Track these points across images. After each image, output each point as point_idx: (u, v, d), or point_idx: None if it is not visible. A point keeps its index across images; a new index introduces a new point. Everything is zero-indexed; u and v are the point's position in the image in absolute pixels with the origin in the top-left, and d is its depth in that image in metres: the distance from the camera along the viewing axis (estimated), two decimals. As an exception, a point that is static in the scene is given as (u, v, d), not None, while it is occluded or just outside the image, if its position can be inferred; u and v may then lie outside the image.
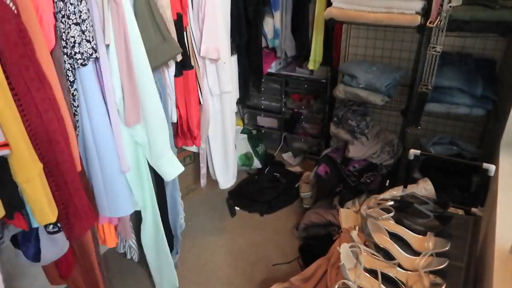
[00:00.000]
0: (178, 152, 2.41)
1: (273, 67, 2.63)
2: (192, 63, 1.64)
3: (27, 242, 1.17)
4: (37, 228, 1.14)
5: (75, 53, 1.09)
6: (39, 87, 0.96)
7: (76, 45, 1.08)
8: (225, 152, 1.98)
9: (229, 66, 1.79)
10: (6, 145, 0.90)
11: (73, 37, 1.07)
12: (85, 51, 1.11)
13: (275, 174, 2.64)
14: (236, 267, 2.00)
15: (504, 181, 1.28)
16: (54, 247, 1.19)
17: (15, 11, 0.90)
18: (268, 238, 2.18)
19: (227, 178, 2.05)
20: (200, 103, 1.74)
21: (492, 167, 1.28)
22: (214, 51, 1.63)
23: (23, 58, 0.91)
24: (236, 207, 2.41)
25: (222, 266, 2.01)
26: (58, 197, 1.09)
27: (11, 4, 0.89)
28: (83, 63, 1.11)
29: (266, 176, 2.65)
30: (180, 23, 1.49)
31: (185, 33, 1.55)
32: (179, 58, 1.50)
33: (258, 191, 2.49)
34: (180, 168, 1.49)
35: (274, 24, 2.43)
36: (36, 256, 1.18)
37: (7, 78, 0.90)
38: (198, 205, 2.44)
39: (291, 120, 2.84)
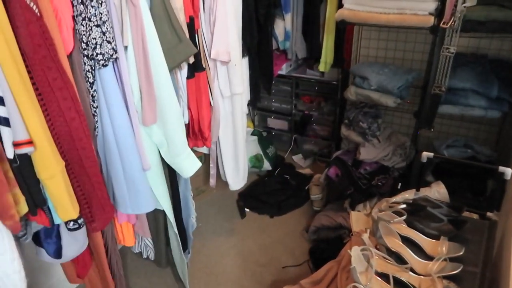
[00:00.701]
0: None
1: (283, 69, 2.63)
2: (204, 65, 1.65)
3: (49, 239, 1.20)
4: (58, 225, 1.17)
5: (97, 54, 1.11)
6: (61, 86, 1.00)
7: (98, 46, 1.11)
8: (236, 153, 1.98)
9: (240, 68, 1.79)
10: (30, 142, 0.93)
11: (95, 38, 1.10)
12: (106, 52, 1.13)
13: (285, 176, 2.63)
14: (245, 269, 1.99)
15: (520, 185, 1.25)
16: (75, 244, 1.23)
17: (38, 14, 0.93)
18: (278, 240, 2.16)
19: (237, 180, 2.04)
20: (210, 104, 1.74)
21: (508, 171, 1.25)
22: (225, 54, 1.64)
23: (46, 59, 0.95)
24: (246, 209, 2.41)
25: (231, 267, 2.00)
26: (80, 193, 1.13)
27: (34, 7, 0.92)
28: (104, 63, 1.14)
29: (276, 178, 2.65)
30: (192, 26, 1.50)
31: (196, 35, 1.56)
32: (191, 60, 1.52)
33: (268, 193, 2.48)
34: (198, 164, 1.49)
35: (285, 26, 2.42)
36: (57, 253, 1.21)
37: (31, 78, 0.93)
38: (208, 206, 2.44)
39: (302, 122, 2.83)
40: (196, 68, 1.59)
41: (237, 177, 2.04)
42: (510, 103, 1.66)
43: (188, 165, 1.48)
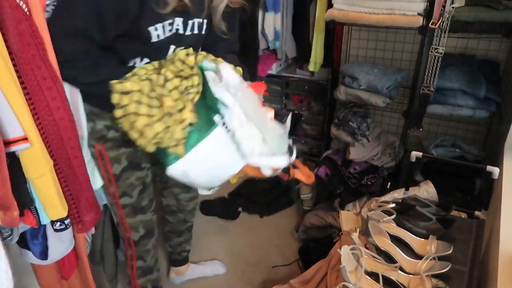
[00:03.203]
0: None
1: (273, 69, 2.62)
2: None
3: (35, 240, 1.19)
4: (44, 226, 1.16)
5: None
6: (50, 86, 0.98)
7: None
8: None
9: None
10: (25, 138, 0.92)
11: None
12: None
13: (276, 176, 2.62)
14: (235, 269, 1.98)
15: (508, 184, 1.26)
16: (61, 244, 1.22)
17: (27, 12, 0.92)
18: (268, 240, 2.16)
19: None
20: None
21: (496, 170, 1.26)
22: None
23: (35, 58, 0.94)
24: (239, 208, 2.39)
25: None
26: (68, 193, 1.12)
27: (23, 6, 0.91)
28: None
29: (266, 178, 2.64)
30: None
31: None
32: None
33: (257, 192, 2.48)
34: None
35: (274, 26, 2.42)
36: (44, 254, 1.20)
37: (19, 77, 0.92)
38: (198, 206, 2.42)
39: (292, 121, 2.82)
40: None
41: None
42: (497, 103, 1.68)
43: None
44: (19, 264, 1.28)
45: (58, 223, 1.14)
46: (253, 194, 2.46)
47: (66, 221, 1.16)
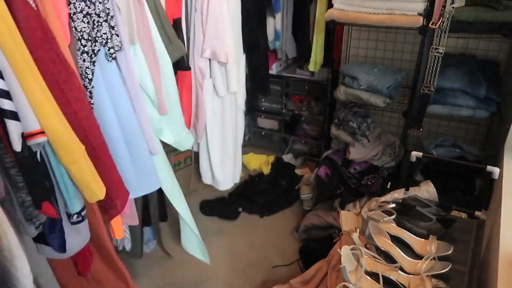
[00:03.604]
0: (178, 153, 2.41)
1: (273, 69, 2.63)
2: (191, 65, 1.65)
3: (53, 233, 1.20)
4: (61, 220, 1.17)
5: (109, 48, 1.16)
6: (66, 78, 1.02)
7: (109, 40, 1.16)
8: (225, 151, 1.97)
9: (237, 67, 1.79)
10: (42, 132, 0.94)
11: (105, 33, 1.14)
12: (116, 45, 1.18)
13: (276, 176, 2.63)
14: (235, 269, 1.98)
15: (508, 184, 1.26)
16: (78, 237, 1.23)
17: (35, 9, 0.94)
18: (268, 240, 2.16)
19: (227, 179, 2.04)
20: (196, 103, 1.75)
21: (496, 170, 1.26)
22: (223, 55, 1.64)
23: (49, 53, 0.97)
24: (239, 208, 2.39)
25: (221, 267, 1.99)
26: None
27: (31, 2, 0.93)
28: (114, 56, 1.18)
29: (266, 178, 2.64)
30: (175, 28, 1.51)
31: (184, 36, 1.59)
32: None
33: (257, 192, 2.48)
34: (193, 138, 1.70)
35: (275, 26, 2.42)
36: (62, 247, 1.21)
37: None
38: (198, 206, 2.42)
39: (292, 121, 2.83)
40: (179, 66, 1.59)
41: (224, 176, 2.03)
42: (497, 103, 1.68)
43: (188, 139, 1.65)
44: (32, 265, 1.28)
45: (75, 216, 1.17)
46: (253, 194, 2.46)
47: (83, 213, 1.18)
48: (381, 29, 2.16)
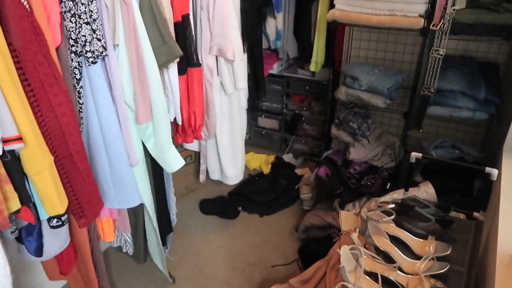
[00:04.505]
0: (181, 151, 2.42)
1: (274, 68, 2.63)
2: (200, 61, 1.65)
3: (30, 237, 1.19)
4: (40, 223, 1.16)
5: (86, 51, 1.12)
6: (52, 82, 1.00)
7: (87, 43, 1.11)
8: (234, 147, 1.99)
9: (244, 63, 1.80)
10: (20, 138, 0.93)
11: (84, 36, 1.10)
12: (96, 49, 1.13)
13: (276, 175, 2.63)
14: (235, 268, 1.99)
15: (506, 186, 1.27)
16: (56, 241, 1.22)
17: (29, 9, 0.93)
18: (268, 239, 2.17)
19: (235, 174, 2.07)
20: (206, 100, 1.75)
21: (494, 172, 1.27)
22: (230, 52, 1.64)
23: (37, 55, 0.95)
24: (239, 207, 2.40)
25: (221, 266, 2.00)
26: (70, 188, 1.14)
27: (25, 3, 0.92)
28: (93, 61, 1.14)
29: (266, 177, 2.64)
30: (183, 25, 1.49)
31: (193, 32, 1.56)
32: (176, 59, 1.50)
33: (257, 192, 2.48)
34: (182, 161, 1.53)
35: (276, 26, 2.42)
36: (38, 251, 1.20)
37: (22, 74, 0.93)
38: (198, 205, 2.43)
39: (293, 121, 2.83)
40: (190, 63, 1.58)
41: (235, 172, 2.05)
42: (497, 105, 1.69)
43: (174, 160, 1.51)
44: (17, 262, 1.28)
45: (55, 220, 1.15)
46: (253, 194, 2.46)
47: (63, 218, 1.16)
48: (382, 30, 2.16)
